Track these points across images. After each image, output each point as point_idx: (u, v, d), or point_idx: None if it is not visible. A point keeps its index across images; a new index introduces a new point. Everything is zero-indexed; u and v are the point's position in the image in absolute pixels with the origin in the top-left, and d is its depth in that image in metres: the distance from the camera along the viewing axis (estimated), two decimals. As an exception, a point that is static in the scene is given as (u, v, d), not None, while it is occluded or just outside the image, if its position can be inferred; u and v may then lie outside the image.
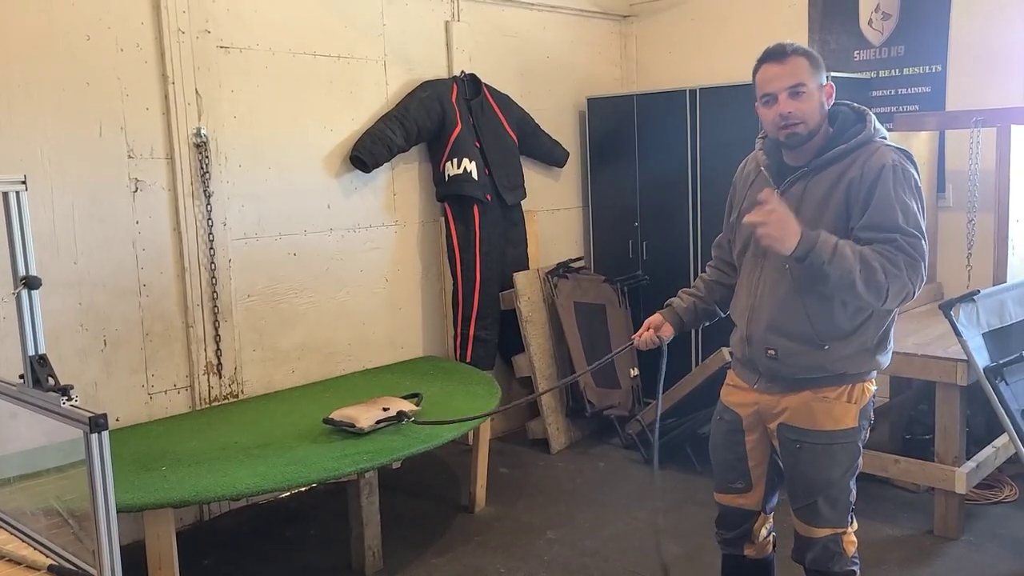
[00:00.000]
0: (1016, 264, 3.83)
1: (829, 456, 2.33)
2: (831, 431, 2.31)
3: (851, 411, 2.32)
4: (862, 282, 2.11)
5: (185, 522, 3.80)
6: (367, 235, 4.41)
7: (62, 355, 3.34)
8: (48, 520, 2.17)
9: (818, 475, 2.34)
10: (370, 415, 3.35)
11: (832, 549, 2.38)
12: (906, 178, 2.20)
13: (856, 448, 2.36)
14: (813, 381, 2.31)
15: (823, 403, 2.31)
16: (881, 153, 2.22)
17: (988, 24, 4.31)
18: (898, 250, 2.13)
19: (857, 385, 2.32)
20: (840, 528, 2.38)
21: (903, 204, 2.17)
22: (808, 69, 2.23)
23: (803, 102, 2.22)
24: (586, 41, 5.44)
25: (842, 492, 2.36)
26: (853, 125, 2.29)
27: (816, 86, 2.25)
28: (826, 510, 2.36)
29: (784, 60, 2.24)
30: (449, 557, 3.53)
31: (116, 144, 3.51)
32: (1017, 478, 3.96)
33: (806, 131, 2.24)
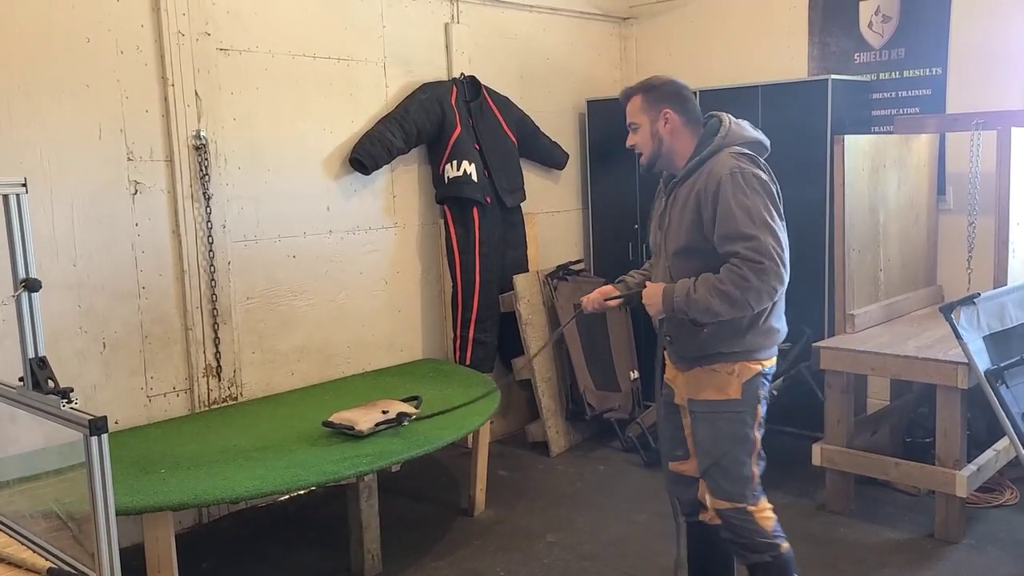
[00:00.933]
0: (1017, 267, 3.83)
1: (714, 424, 2.57)
2: (714, 400, 2.57)
3: (733, 384, 2.55)
4: (725, 308, 2.41)
5: (184, 525, 3.79)
6: (366, 237, 4.40)
7: (61, 357, 3.33)
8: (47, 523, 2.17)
9: (707, 442, 2.59)
10: (369, 418, 3.35)
11: (739, 524, 2.57)
12: (746, 181, 2.44)
13: (742, 420, 2.56)
14: (704, 359, 2.59)
15: (710, 375, 2.58)
16: (722, 163, 2.49)
17: (988, 27, 4.31)
18: (742, 262, 2.38)
19: (740, 362, 2.56)
20: (741, 503, 2.56)
21: (743, 207, 2.41)
22: (639, 106, 2.62)
23: (638, 136, 2.65)
24: (586, 43, 5.45)
25: (733, 464, 2.56)
26: (711, 136, 2.58)
27: (648, 119, 2.61)
28: (721, 481, 2.57)
29: (625, 102, 2.66)
30: (448, 561, 3.52)
31: (116, 146, 3.50)
32: (1018, 481, 3.95)
33: (645, 159, 2.67)
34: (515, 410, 5.00)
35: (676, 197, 2.59)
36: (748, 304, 2.40)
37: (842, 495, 3.82)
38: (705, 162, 2.53)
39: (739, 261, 2.38)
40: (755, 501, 2.58)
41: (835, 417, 3.79)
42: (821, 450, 3.81)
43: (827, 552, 3.46)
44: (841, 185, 3.88)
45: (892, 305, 4.18)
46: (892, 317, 4.15)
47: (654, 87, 2.64)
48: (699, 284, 2.44)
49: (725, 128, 2.57)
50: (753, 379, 2.56)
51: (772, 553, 2.56)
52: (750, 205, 2.41)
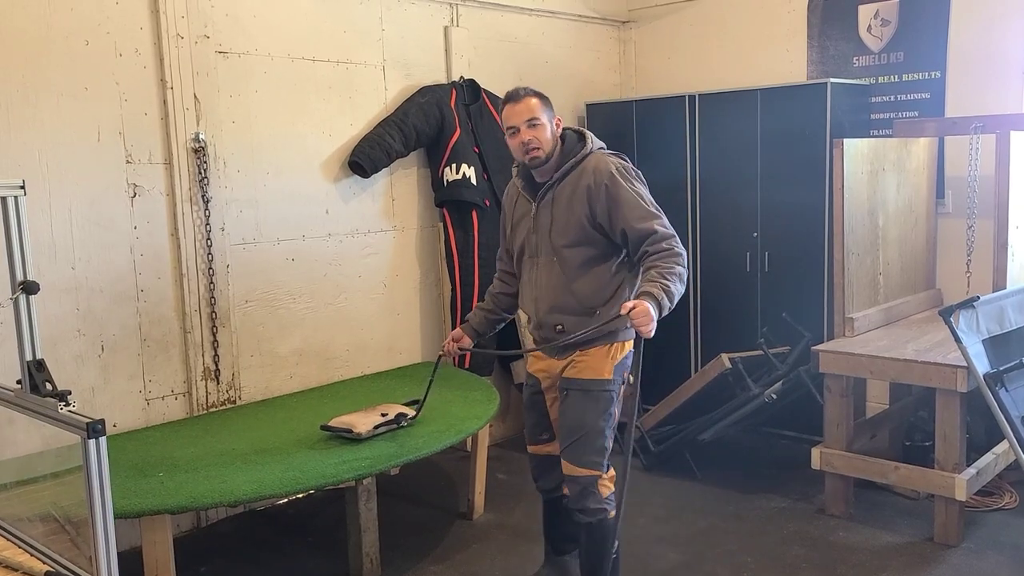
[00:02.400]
0: (1016, 270, 3.83)
1: (586, 401, 2.85)
2: (591, 379, 2.85)
3: (608, 365, 2.85)
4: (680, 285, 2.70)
5: (182, 528, 3.78)
6: (365, 240, 4.40)
7: (59, 360, 3.33)
8: (45, 526, 2.17)
9: (578, 418, 2.85)
10: (368, 421, 3.34)
11: (589, 489, 2.85)
12: (628, 173, 2.82)
13: (610, 398, 2.86)
14: (584, 344, 2.85)
15: (587, 358, 2.86)
16: (604, 161, 2.83)
17: (987, 30, 4.32)
18: (663, 239, 2.72)
19: (615, 344, 2.86)
20: (597, 471, 2.85)
21: (637, 193, 2.78)
22: (539, 106, 2.84)
23: (538, 131, 2.82)
24: (585, 47, 5.45)
25: (598, 436, 2.84)
26: (576, 143, 2.89)
27: (547, 119, 2.84)
28: (587, 451, 2.84)
29: (519, 100, 2.84)
30: (447, 564, 3.52)
31: (114, 149, 3.50)
32: (1017, 485, 3.95)
33: (543, 155, 2.84)
34: (514, 414, 5.00)
35: (555, 197, 2.86)
36: (685, 273, 2.72)
37: (841, 499, 3.82)
38: (581, 163, 2.84)
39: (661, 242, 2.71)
40: (607, 470, 2.88)
41: (834, 421, 3.79)
42: (820, 454, 3.80)
43: (826, 556, 3.46)
44: (840, 188, 3.88)
45: (891, 308, 4.18)
46: (891, 320, 4.15)
47: (543, 95, 2.89)
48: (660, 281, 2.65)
49: (589, 136, 2.91)
50: (621, 362, 2.88)
51: (599, 516, 2.87)
52: (643, 192, 2.81)
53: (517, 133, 2.84)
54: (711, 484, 4.20)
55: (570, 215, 2.83)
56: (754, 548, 3.55)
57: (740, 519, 3.83)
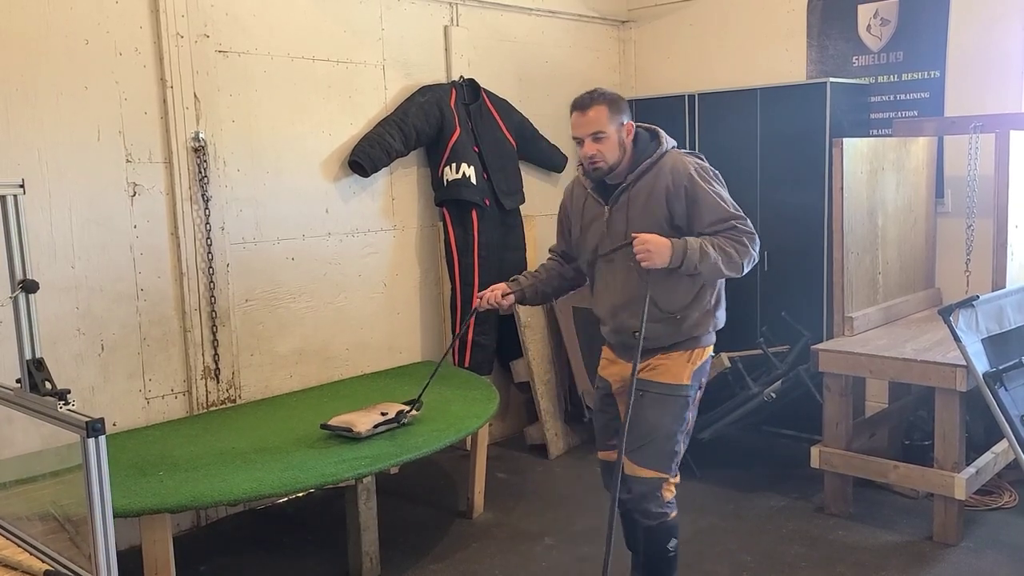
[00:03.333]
0: (1015, 270, 3.83)
1: (663, 405, 2.79)
2: (669, 384, 2.80)
3: (687, 370, 2.80)
4: (725, 267, 2.66)
5: (182, 527, 3.78)
6: (365, 240, 4.40)
7: (59, 359, 3.33)
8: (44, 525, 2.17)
9: (653, 420, 2.79)
10: (368, 420, 3.35)
11: (653, 491, 2.81)
12: (707, 173, 2.75)
13: (686, 403, 2.81)
14: (667, 348, 2.81)
15: (667, 361, 2.81)
16: (681, 161, 2.75)
17: (987, 30, 4.32)
18: (740, 232, 2.68)
19: (696, 349, 2.82)
20: (663, 474, 2.80)
21: (718, 194, 2.71)
22: (607, 116, 2.73)
23: (603, 144, 2.74)
24: (585, 46, 5.45)
25: (669, 440, 2.80)
26: (650, 143, 2.82)
27: (615, 129, 2.74)
28: (655, 454, 2.79)
29: (586, 111, 2.73)
30: (447, 563, 3.52)
31: (114, 148, 3.50)
32: (1017, 484, 3.95)
33: (606, 167, 2.76)
34: (513, 412, 5.00)
35: (630, 200, 2.77)
36: (741, 266, 2.69)
37: (840, 498, 3.82)
38: (656, 163, 2.76)
39: (737, 232, 2.68)
40: (674, 474, 2.84)
41: (834, 420, 3.79)
42: (819, 453, 3.81)
43: (825, 554, 3.46)
44: (839, 188, 3.88)
45: (890, 308, 4.18)
46: (890, 320, 4.16)
47: (615, 99, 2.78)
48: (707, 243, 2.65)
49: (662, 134, 2.84)
50: (700, 367, 2.83)
51: (660, 520, 2.84)
52: (723, 193, 2.74)
53: (582, 145, 2.76)
54: (711, 483, 4.20)
55: (647, 218, 2.73)
56: (754, 547, 3.55)
57: (740, 518, 3.83)
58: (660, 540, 2.86)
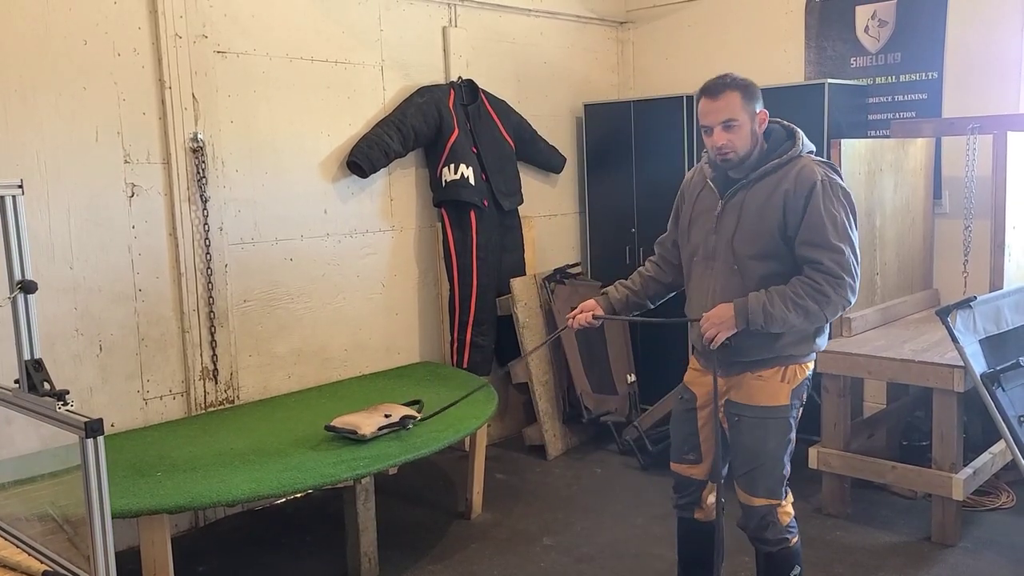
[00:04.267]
0: (1012, 270, 3.84)
1: (764, 429, 2.62)
2: (766, 407, 2.61)
3: (784, 390, 2.61)
4: (801, 319, 2.47)
5: (180, 528, 3.78)
6: (364, 240, 4.40)
7: (57, 360, 3.33)
8: (43, 526, 2.17)
9: (755, 446, 2.63)
10: (372, 421, 3.34)
11: (768, 519, 2.66)
12: (834, 191, 2.50)
13: (788, 424, 2.63)
14: (756, 364, 2.60)
15: (760, 382, 2.61)
16: (811, 169, 2.52)
17: (984, 31, 4.33)
18: (824, 275, 2.45)
19: (791, 367, 2.61)
20: (776, 500, 2.65)
21: (831, 217, 2.47)
22: (740, 103, 2.52)
23: (734, 134, 2.52)
24: (583, 47, 5.45)
25: (776, 465, 2.63)
26: (784, 142, 2.59)
27: (748, 117, 2.53)
28: (762, 480, 2.64)
29: (718, 97, 2.54)
30: (445, 564, 3.52)
31: (112, 149, 3.50)
32: (1014, 484, 3.95)
33: (737, 158, 2.54)
34: (512, 413, 5.00)
35: (746, 200, 2.55)
36: (824, 317, 2.49)
37: (839, 498, 3.82)
38: (784, 166, 2.53)
39: (819, 275, 2.45)
40: (785, 497, 2.69)
41: (832, 420, 3.79)
42: (818, 453, 3.81)
43: (823, 555, 3.46)
44: (838, 189, 3.88)
45: (888, 309, 4.19)
46: (888, 321, 4.16)
47: (748, 85, 2.56)
48: (775, 298, 2.47)
49: (800, 136, 2.60)
50: (800, 385, 2.64)
51: (781, 546, 2.70)
52: (838, 217, 2.47)
53: (711, 134, 2.55)
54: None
55: (760, 222, 2.53)
56: (751, 548, 3.54)
57: (737, 518, 3.82)
58: (782, 568, 2.71)
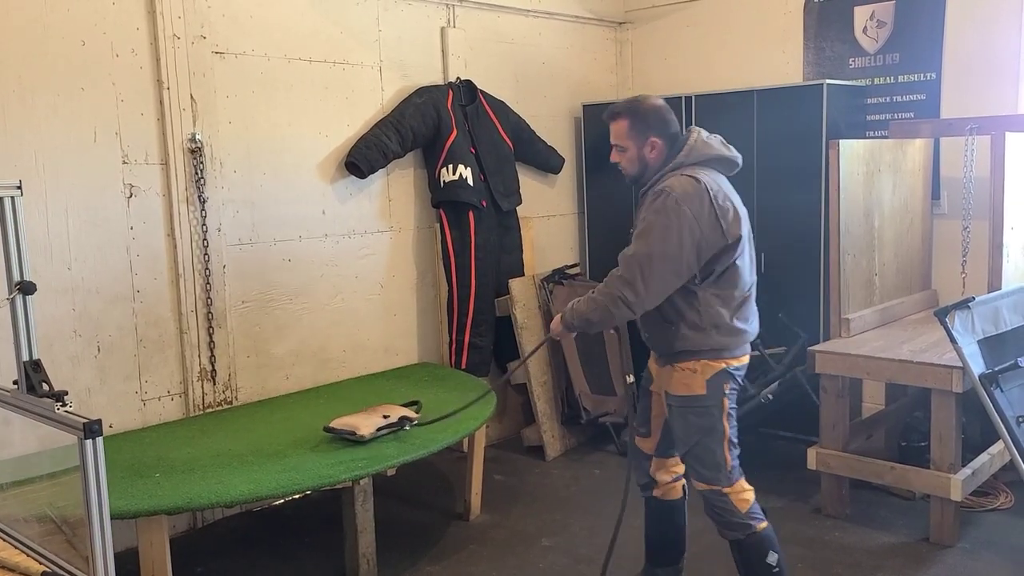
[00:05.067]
0: (1010, 271, 3.84)
1: (685, 418, 2.82)
2: (684, 396, 2.81)
3: (698, 381, 2.78)
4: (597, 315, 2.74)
5: (178, 529, 3.78)
6: (362, 241, 4.40)
7: (55, 361, 3.32)
8: (41, 527, 2.17)
9: (681, 433, 2.85)
10: (371, 422, 3.34)
11: (719, 504, 2.80)
12: (666, 202, 2.65)
13: (709, 413, 2.78)
14: (673, 356, 2.82)
15: (677, 373, 2.82)
16: (669, 184, 2.70)
17: (982, 32, 4.33)
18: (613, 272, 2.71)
19: (701, 361, 2.77)
20: (716, 485, 2.79)
21: (648, 222, 2.68)
22: (626, 130, 2.77)
23: (622, 155, 2.82)
24: (582, 47, 5.46)
25: (706, 452, 2.80)
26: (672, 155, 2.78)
27: (635, 144, 2.78)
28: (697, 466, 2.82)
29: (611, 122, 2.82)
30: (444, 565, 3.52)
31: (111, 149, 3.50)
32: (1012, 485, 3.96)
33: (628, 177, 2.86)
34: (511, 414, 5.00)
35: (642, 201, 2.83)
36: (608, 311, 2.71)
37: (837, 499, 3.82)
38: (663, 179, 2.75)
39: (614, 272, 2.71)
40: (730, 483, 2.80)
41: (830, 421, 3.79)
42: (816, 454, 3.81)
43: (822, 556, 3.47)
44: (836, 189, 3.89)
45: (887, 309, 4.19)
46: (887, 321, 4.16)
47: (641, 113, 2.78)
48: (584, 297, 2.77)
49: (688, 147, 2.76)
50: (716, 376, 2.77)
51: (746, 532, 2.79)
52: (654, 222, 2.65)
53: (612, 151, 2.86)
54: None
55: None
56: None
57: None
58: (754, 555, 2.78)
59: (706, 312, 2.74)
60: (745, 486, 2.83)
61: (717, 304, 2.75)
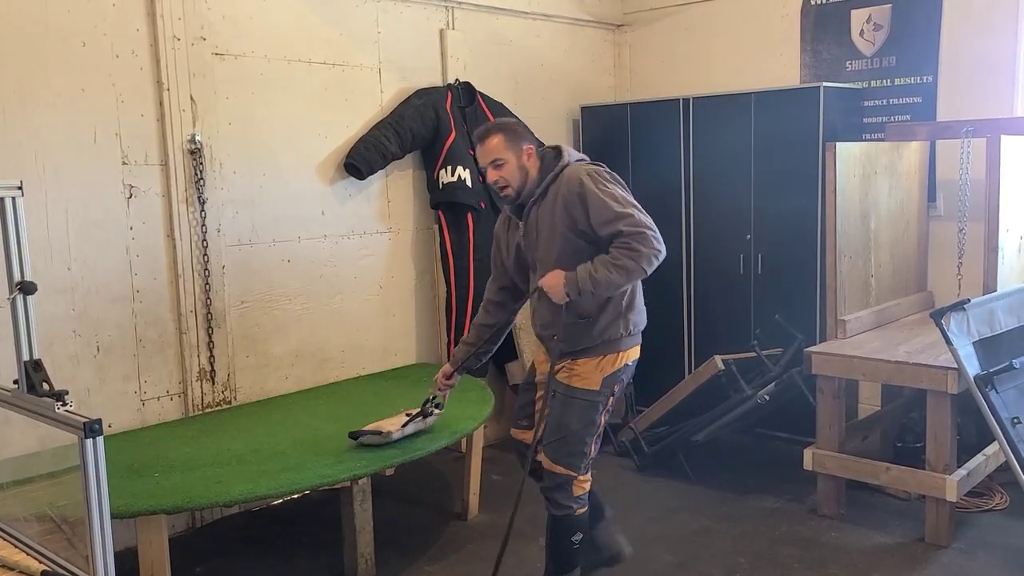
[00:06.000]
0: (1006, 273, 3.86)
1: (570, 407, 2.97)
2: (576, 388, 2.96)
3: (596, 377, 2.95)
4: (624, 278, 2.78)
5: (177, 529, 3.79)
6: (361, 242, 4.41)
7: (55, 361, 3.34)
8: (41, 526, 2.18)
9: (561, 421, 2.98)
10: (396, 421, 3.35)
11: (564, 486, 2.98)
12: (600, 176, 2.85)
13: (594, 407, 2.96)
14: (577, 353, 2.95)
15: (578, 367, 2.96)
16: (574, 170, 2.88)
17: (978, 35, 4.35)
18: (627, 236, 2.74)
19: (608, 356, 2.94)
20: (572, 472, 2.98)
21: (609, 195, 2.79)
22: (502, 145, 2.91)
23: (503, 170, 2.92)
24: (580, 50, 5.47)
25: (577, 441, 2.96)
26: (553, 160, 2.95)
27: (513, 155, 2.92)
28: (564, 451, 2.97)
29: (484, 142, 2.93)
30: (442, 565, 3.53)
31: (111, 150, 3.51)
32: (1007, 486, 3.97)
33: (513, 191, 2.95)
34: (508, 415, 5.00)
35: (539, 215, 2.93)
36: (642, 269, 2.76)
37: (833, 499, 3.84)
38: (558, 177, 2.89)
39: (623, 238, 2.74)
40: (583, 473, 3.00)
41: (827, 422, 3.81)
42: (812, 455, 3.82)
43: (818, 556, 3.48)
44: (833, 191, 3.90)
45: (883, 311, 4.21)
46: (883, 323, 4.18)
47: (509, 128, 2.98)
48: (598, 265, 2.78)
49: (566, 151, 2.97)
50: (613, 375, 2.96)
51: (566, 511, 3.00)
52: (613, 192, 2.81)
53: (486, 173, 2.97)
54: (704, 485, 4.22)
55: (553, 228, 2.89)
56: (747, 548, 3.57)
57: (733, 520, 3.84)
58: (566, 531, 3.03)
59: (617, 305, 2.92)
60: (588, 477, 3.04)
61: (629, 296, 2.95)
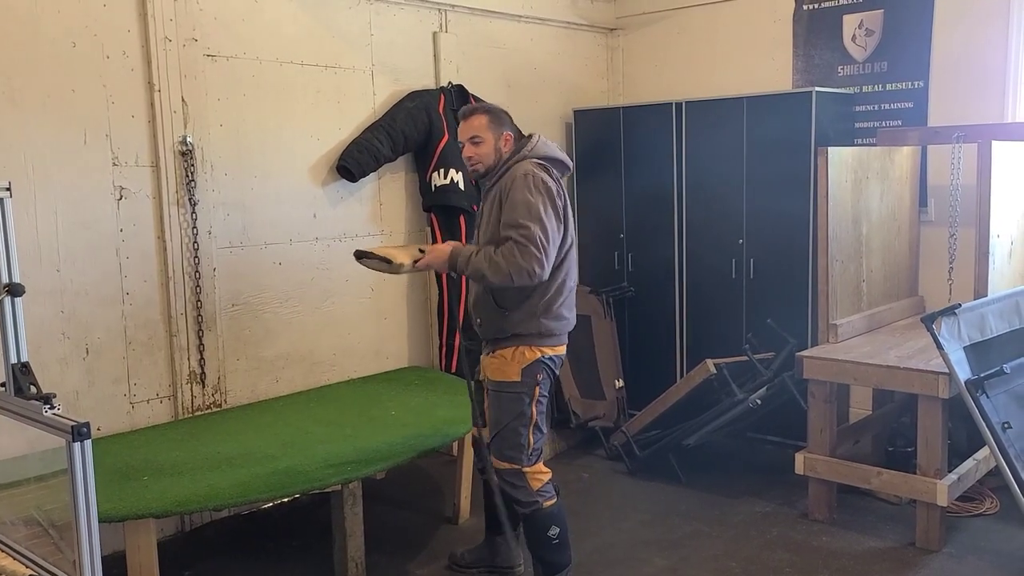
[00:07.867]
0: (996, 278, 3.87)
1: (499, 401, 3.04)
2: (500, 381, 3.03)
3: (514, 368, 2.99)
4: (492, 275, 2.86)
5: (166, 532, 3.76)
6: (353, 244, 4.40)
7: (43, 363, 3.31)
8: (28, 530, 2.16)
9: (494, 415, 3.06)
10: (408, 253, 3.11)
11: (515, 482, 3.03)
12: (534, 182, 2.90)
13: (520, 399, 3.00)
14: (497, 342, 3.03)
15: (497, 360, 3.03)
16: (523, 167, 2.95)
17: (970, 41, 4.37)
18: (514, 243, 2.84)
19: (520, 347, 2.99)
20: (516, 465, 3.02)
21: (525, 203, 2.87)
22: (486, 124, 3.03)
23: (479, 148, 3.03)
24: (573, 53, 5.47)
25: (512, 434, 3.01)
26: (517, 148, 3.04)
27: (492, 136, 3.03)
28: (503, 446, 3.03)
29: (468, 118, 3.06)
30: (433, 568, 3.52)
31: (101, 151, 3.49)
32: (998, 490, 3.98)
33: (483, 168, 3.06)
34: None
35: (488, 197, 3.05)
36: (510, 276, 2.84)
37: (824, 504, 3.84)
38: (510, 168, 2.98)
39: (510, 244, 2.85)
40: (529, 464, 3.04)
41: (818, 426, 3.81)
42: (804, 459, 3.83)
43: (809, 560, 3.48)
44: (824, 196, 3.91)
45: (874, 315, 4.22)
46: (874, 327, 4.19)
47: (495, 112, 3.08)
48: (481, 253, 2.90)
49: (532, 143, 3.03)
50: (531, 365, 3.00)
51: (532, 507, 3.03)
52: (531, 202, 2.87)
53: (463, 148, 3.08)
54: (696, 489, 4.22)
55: (491, 216, 3.00)
56: (738, 552, 3.57)
57: (724, 523, 3.85)
58: (540, 528, 3.05)
59: (542, 298, 2.97)
60: (543, 468, 3.08)
61: (553, 291, 2.99)
